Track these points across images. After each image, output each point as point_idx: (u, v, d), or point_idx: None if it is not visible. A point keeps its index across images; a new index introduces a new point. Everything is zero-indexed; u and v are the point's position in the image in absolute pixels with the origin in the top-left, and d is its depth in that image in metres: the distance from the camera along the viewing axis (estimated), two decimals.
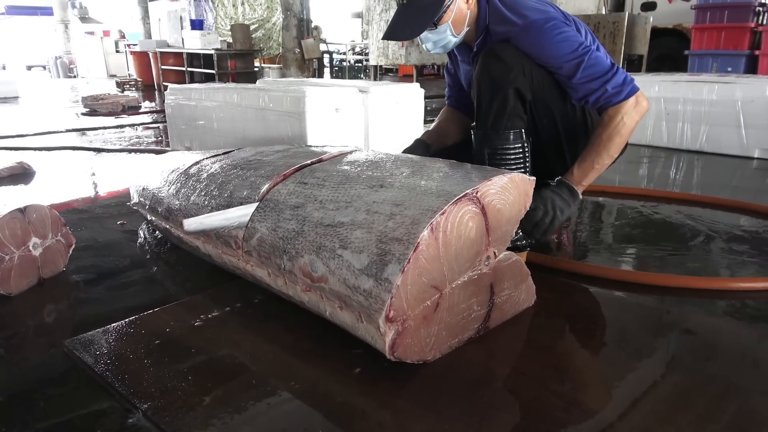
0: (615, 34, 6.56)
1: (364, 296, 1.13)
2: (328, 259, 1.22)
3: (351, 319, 1.18)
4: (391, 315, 1.09)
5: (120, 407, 1.07)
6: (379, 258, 1.13)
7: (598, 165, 1.60)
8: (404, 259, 1.09)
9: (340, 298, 1.19)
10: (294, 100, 2.63)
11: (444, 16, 1.63)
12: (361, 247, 1.18)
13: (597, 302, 1.56)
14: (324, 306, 1.25)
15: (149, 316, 1.42)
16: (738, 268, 1.77)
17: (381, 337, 1.11)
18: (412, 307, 1.12)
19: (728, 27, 6.29)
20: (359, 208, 1.27)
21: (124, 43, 13.36)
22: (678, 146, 3.75)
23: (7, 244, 1.53)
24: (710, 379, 1.15)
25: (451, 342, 1.23)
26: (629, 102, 1.57)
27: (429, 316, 1.16)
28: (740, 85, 3.47)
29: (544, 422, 1.02)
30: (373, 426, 1.01)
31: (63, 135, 4.77)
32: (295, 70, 8.75)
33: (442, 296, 1.17)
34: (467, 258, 1.21)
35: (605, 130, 1.59)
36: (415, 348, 1.15)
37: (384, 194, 1.29)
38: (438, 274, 1.15)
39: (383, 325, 1.09)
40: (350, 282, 1.16)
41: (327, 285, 1.21)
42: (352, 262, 1.17)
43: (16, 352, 1.32)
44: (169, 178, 1.82)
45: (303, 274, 1.27)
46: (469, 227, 1.20)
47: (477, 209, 1.21)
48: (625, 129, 1.58)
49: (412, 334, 1.14)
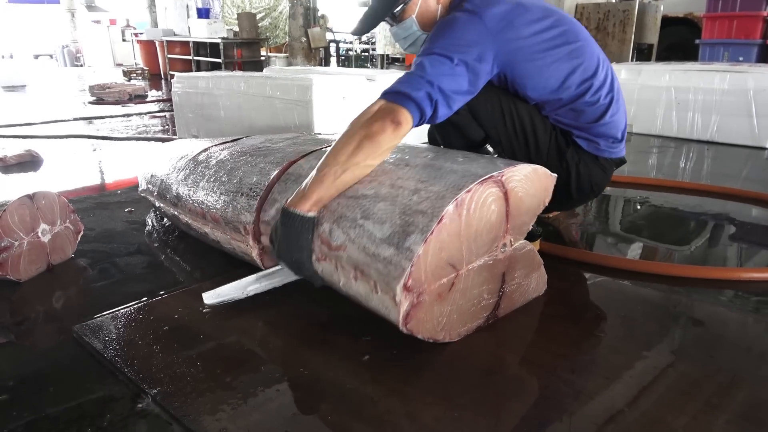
0: (625, 23, 6.48)
1: (383, 264, 1.13)
2: (348, 228, 1.22)
3: (365, 290, 1.18)
4: (409, 284, 1.09)
5: (129, 392, 1.08)
6: (402, 229, 1.13)
7: (322, 172, 1.26)
8: (427, 230, 1.09)
9: (358, 267, 1.19)
10: (301, 89, 2.62)
11: (406, 11, 1.53)
12: (383, 218, 1.18)
13: (606, 292, 1.55)
14: (338, 276, 1.24)
15: (158, 303, 1.42)
16: (748, 259, 1.75)
17: (396, 306, 1.10)
18: (429, 281, 1.12)
19: (740, 16, 6.20)
20: (383, 182, 1.27)
21: (130, 31, 13.34)
22: (688, 136, 3.71)
23: (16, 231, 1.54)
24: (719, 369, 1.14)
25: (460, 329, 1.22)
26: (380, 103, 1.32)
27: (443, 295, 1.16)
28: (752, 75, 3.42)
29: (554, 411, 1.02)
30: (382, 413, 1.01)
31: (70, 123, 4.77)
32: (301, 59, 8.71)
33: (457, 276, 1.17)
34: (485, 241, 1.21)
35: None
36: (427, 324, 1.15)
37: (409, 172, 1.29)
38: (457, 252, 1.16)
39: (400, 294, 1.09)
40: (370, 250, 1.16)
41: (345, 253, 1.21)
42: (374, 231, 1.18)
43: (26, 338, 1.32)
44: (178, 164, 1.82)
45: (321, 241, 1.27)
46: (491, 210, 1.20)
47: (500, 193, 1.21)
48: (353, 126, 1.29)
49: (425, 309, 1.14)
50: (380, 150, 1.27)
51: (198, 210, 1.64)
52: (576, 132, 1.59)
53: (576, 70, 1.51)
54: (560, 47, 1.49)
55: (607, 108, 1.56)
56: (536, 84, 1.50)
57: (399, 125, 1.27)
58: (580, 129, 1.58)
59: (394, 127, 1.26)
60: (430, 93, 1.32)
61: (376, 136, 1.25)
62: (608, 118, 1.57)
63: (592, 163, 1.62)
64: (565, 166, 1.60)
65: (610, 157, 1.64)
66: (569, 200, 1.70)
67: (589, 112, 1.55)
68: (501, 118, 1.56)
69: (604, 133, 1.59)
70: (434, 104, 1.33)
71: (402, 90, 1.31)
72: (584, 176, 1.62)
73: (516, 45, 1.45)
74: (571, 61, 1.50)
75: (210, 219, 1.60)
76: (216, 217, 1.57)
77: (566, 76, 1.50)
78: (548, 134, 1.59)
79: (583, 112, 1.55)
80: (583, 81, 1.52)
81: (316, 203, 1.26)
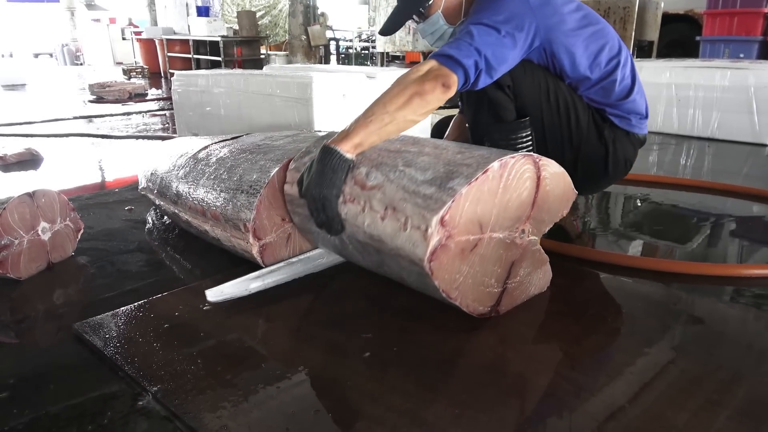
0: (625, 20, 6.47)
1: (422, 199, 1.16)
2: (388, 171, 1.25)
3: (393, 228, 1.19)
4: (446, 218, 1.12)
5: (130, 390, 1.07)
6: (446, 174, 1.18)
7: (369, 117, 1.30)
8: (472, 177, 1.14)
9: (390, 205, 1.20)
10: (301, 86, 2.61)
11: (432, 6, 1.58)
12: (426, 166, 1.22)
13: (608, 288, 1.55)
14: (363, 218, 1.25)
15: (158, 301, 1.42)
16: (749, 255, 1.75)
17: (425, 241, 1.12)
18: (460, 229, 1.15)
19: (741, 12, 6.19)
20: (425, 145, 1.32)
21: (131, 30, 13.33)
22: (689, 133, 3.71)
23: (16, 229, 1.53)
24: (720, 365, 1.14)
25: (470, 301, 1.23)
26: (431, 63, 1.36)
27: (465, 253, 1.18)
28: (753, 71, 3.42)
29: (555, 407, 1.02)
30: (383, 410, 1.00)
31: (70, 122, 4.77)
32: (301, 57, 8.71)
33: (481, 239, 1.20)
34: (512, 216, 1.25)
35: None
36: (446, 274, 1.17)
37: (449, 144, 1.34)
38: (488, 213, 1.19)
39: (435, 225, 1.11)
40: (410, 188, 1.20)
41: (379, 192, 1.23)
42: (416, 175, 1.21)
43: (27, 336, 1.32)
44: (178, 162, 1.82)
45: (354, 182, 1.28)
46: (525, 186, 1.25)
47: (535, 175, 1.26)
48: (405, 80, 1.33)
49: (449, 257, 1.16)
50: (427, 108, 1.33)
51: (198, 208, 1.64)
52: (609, 110, 1.66)
53: (604, 48, 1.59)
54: (587, 27, 1.58)
55: (632, 85, 1.65)
56: (573, 60, 1.57)
57: (448, 89, 1.33)
58: (611, 106, 1.65)
59: (443, 90, 1.33)
60: (477, 62, 1.37)
61: (427, 94, 1.31)
62: (634, 95, 1.65)
63: (625, 140, 1.69)
64: (603, 143, 1.67)
65: (639, 133, 1.72)
66: (605, 178, 1.75)
67: (617, 89, 1.62)
68: (546, 94, 1.60)
69: (632, 109, 1.67)
70: (478, 73, 1.39)
71: (454, 55, 1.35)
72: (620, 152, 1.69)
73: (555, 20, 1.52)
74: (598, 41, 1.59)
75: (210, 216, 1.60)
76: (216, 214, 1.57)
77: (596, 53, 1.58)
78: (587, 112, 1.65)
79: (612, 89, 1.62)
80: (611, 59, 1.60)
81: (357, 146, 1.30)
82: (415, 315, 1.34)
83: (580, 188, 1.65)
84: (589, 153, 1.66)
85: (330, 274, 1.57)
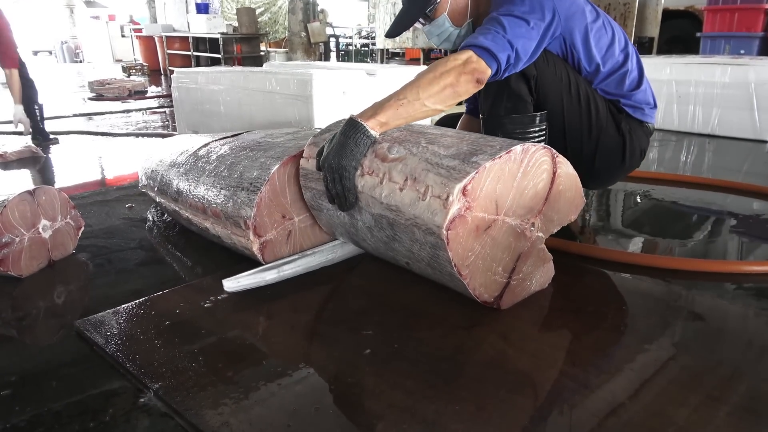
0: (626, 16, 6.46)
1: (446, 170, 1.18)
2: (411, 147, 1.28)
3: (411, 198, 1.21)
4: (468, 188, 1.14)
5: (131, 387, 1.08)
6: (470, 151, 1.21)
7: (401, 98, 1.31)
8: (496, 155, 1.18)
9: (411, 176, 1.22)
10: (301, 83, 2.61)
11: (438, 8, 1.59)
12: (450, 145, 1.25)
13: (608, 285, 1.55)
14: (380, 190, 1.27)
15: (159, 298, 1.42)
16: (749, 252, 1.75)
17: (444, 209, 1.14)
18: (479, 203, 1.18)
19: (741, 8, 6.17)
20: (447, 132, 1.36)
21: (130, 27, 13.31)
22: (689, 129, 3.71)
23: (17, 227, 1.54)
24: (720, 362, 1.14)
25: (478, 284, 1.25)
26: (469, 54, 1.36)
27: (479, 231, 1.21)
28: (754, 67, 3.41)
29: (557, 404, 1.02)
30: (383, 407, 1.01)
31: (70, 120, 4.77)
32: (301, 54, 8.69)
33: (495, 221, 1.22)
34: (525, 204, 1.27)
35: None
36: (460, 247, 1.18)
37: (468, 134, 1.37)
38: (505, 195, 1.22)
39: (456, 194, 1.14)
40: (433, 160, 1.22)
41: (401, 164, 1.26)
42: (439, 150, 1.24)
43: (28, 333, 1.32)
44: (178, 160, 1.82)
45: (375, 155, 1.31)
46: (542, 177, 1.28)
47: (551, 168, 1.30)
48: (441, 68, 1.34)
49: (465, 230, 1.18)
50: (456, 100, 1.37)
51: (199, 205, 1.64)
52: (623, 100, 1.67)
53: (614, 40, 1.62)
54: (597, 19, 1.60)
55: (641, 76, 1.68)
56: (590, 51, 1.59)
57: (480, 83, 1.38)
58: (625, 97, 1.67)
59: (476, 85, 1.38)
60: (510, 56, 1.41)
61: (459, 87, 1.34)
62: (644, 85, 1.68)
63: (639, 130, 1.71)
64: (621, 133, 1.68)
65: (651, 123, 1.74)
66: (621, 168, 1.76)
67: (629, 80, 1.65)
68: (567, 86, 1.62)
69: (643, 99, 1.69)
70: (507, 66, 1.42)
71: (490, 48, 1.37)
72: (636, 142, 1.71)
73: (574, 10, 1.55)
74: (608, 33, 1.61)
75: (211, 214, 1.60)
76: (216, 212, 1.57)
77: (609, 45, 1.61)
78: (605, 103, 1.67)
79: (624, 80, 1.64)
80: (621, 50, 1.63)
81: (383, 125, 1.32)
82: (415, 312, 1.34)
83: (598, 179, 1.71)
84: (607, 144, 1.67)
85: (330, 272, 1.57)
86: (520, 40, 1.42)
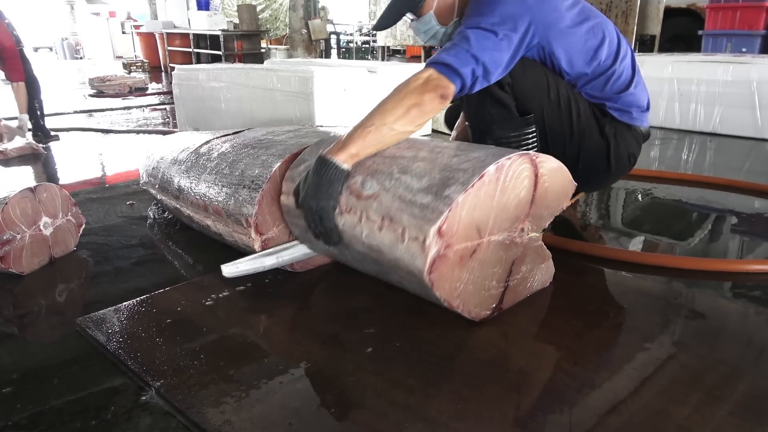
0: (627, 14, 6.44)
1: (419, 209, 1.15)
2: (383, 180, 1.24)
3: (390, 239, 1.18)
4: (443, 228, 1.11)
5: (133, 385, 1.08)
6: (442, 182, 1.16)
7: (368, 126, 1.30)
8: (468, 183, 1.13)
9: (387, 216, 1.19)
10: (302, 80, 2.61)
11: (425, 6, 1.57)
12: (422, 173, 1.21)
13: (609, 284, 1.55)
14: (361, 228, 1.24)
15: (160, 295, 1.42)
16: (750, 251, 1.75)
17: (423, 253, 1.11)
18: (458, 237, 1.14)
19: (744, 6, 6.16)
20: (421, 149, 1.30)
21: (130, 24, 13.29)
22: (691, 128, 3.70)
23: (18, 224, 1.54)
24: (720, 360, 1.14)
25: (473, 306, 1.23)
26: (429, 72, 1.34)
27: (464, 259, 1.18)
28: (755, 66, 3.40)
29: (558, 402, 1.02)
30: (385, 405, 1.01)
31: (71, 116, 4.77)
32: (302, 51, 8.68)
33: (480, 245, 1.20)
34: (510, 216, 1.24)
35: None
36: (446, 283, 1.16)
37: (446, 145, 1.33)
38: (485, 218, 1.18)
39: (432, 237, 1.10)
40: (406, 198, 1.18)
41: (375, 202, 1.22)
42: (411, 183, 1.20)
43: (29, 331, 1.32)
44: (179, 157, 1.82)
45: (350, 192, 1.27)
46: (523, 185, 1.24)
47: (532, 174, 1.26)
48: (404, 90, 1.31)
49: (449, 266, 1.15)
50: (424, 119, 1.34)
51: (200, 202, 1.64)
52: (609, 104, 1.65)
53: (603, 43, 1.58)
54: (585, 23, 1.56)
55: (632, 78, 1.64)
56: (571, 58, 1.56)
57: (445, 99, 1.34)
58: (611, 100, 1.64)
59: (441, 101, 1.34)
60: (474, 69, 1.37)
61: (425, 105, 1.31)
62: (633, 89, 1.64)
63: (627, 133, 1.68)
64: (605, 138, 1.66)
65: (641, 126, 1.71)
66: (608, 173, 1.73)
67: (617, 83, 1.62)
68: (546, 91, 1.60)
69: (633, 102, 1.66)
70: (474, 79, 1.39)
71: (452, 64, 1.35)
72: (622, 146, 1.68)
73: (554, 18, 1.50)
74: (597, 36, 1.57)
75: (212, 212, 1.60)
76: (218, 209, 1.57)
77: (595, 48, 1.57)
78: (588, 106, 1.65)
79: (611, 84, 1.61)
80: (610, 54, 1.59)
81: (353, 156, 1.30)
82: (417, 310, 1.34)
83: (583, 185, 1.65)
84: (590, 149, 1.65)
85: (331, 269, 1.57)
86: (487, 53, 1.39)
